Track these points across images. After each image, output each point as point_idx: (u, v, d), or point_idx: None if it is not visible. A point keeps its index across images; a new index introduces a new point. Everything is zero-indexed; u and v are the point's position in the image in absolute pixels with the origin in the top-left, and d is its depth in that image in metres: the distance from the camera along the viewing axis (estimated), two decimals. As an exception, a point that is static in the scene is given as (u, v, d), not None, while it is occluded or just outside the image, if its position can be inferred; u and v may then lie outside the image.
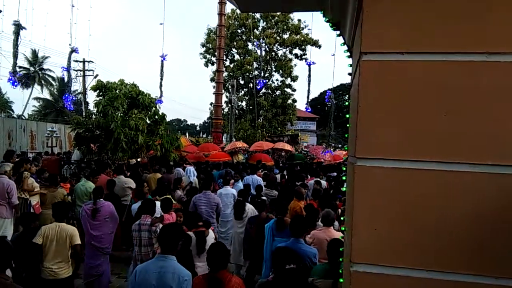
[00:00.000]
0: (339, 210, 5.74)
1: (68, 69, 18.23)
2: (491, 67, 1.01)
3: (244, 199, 6.58)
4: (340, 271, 1.60)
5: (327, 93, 28.38)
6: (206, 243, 4.65)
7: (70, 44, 17.37)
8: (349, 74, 1.48)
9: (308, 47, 30.64)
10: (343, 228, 1.58)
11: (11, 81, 15.86)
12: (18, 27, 15.27)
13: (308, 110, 26.39)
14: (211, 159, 14.49)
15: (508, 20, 1.00)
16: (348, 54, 1.62)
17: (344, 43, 1.71)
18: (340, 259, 1.69)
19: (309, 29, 30.56)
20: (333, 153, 19.37)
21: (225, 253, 3.24)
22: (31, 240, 4.19)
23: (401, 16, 1.06)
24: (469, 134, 1.02)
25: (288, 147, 19.25)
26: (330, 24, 1.71)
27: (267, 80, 29.82)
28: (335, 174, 11.14)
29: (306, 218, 4.94)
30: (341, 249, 1.61)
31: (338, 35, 1.74)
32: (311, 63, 25.78)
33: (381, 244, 1.07)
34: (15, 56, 15.56)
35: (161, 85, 21.62)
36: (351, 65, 1.52)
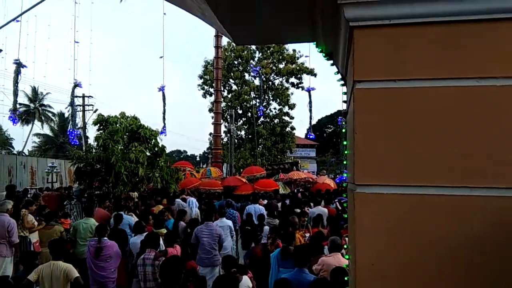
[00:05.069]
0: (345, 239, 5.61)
1: (72, 104, 18.40)
2: (482, 91, 1.04)
3: (252, 229, 6.47)
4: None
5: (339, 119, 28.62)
6: None
7: (75, 79, 17.60)
8: (344, 101, 1.51)
9: (304, 76, 31.18)
10: (347, 257, 1.56)
11: (11, 119, 15.94)
12: (18, 66, 15.48)
13: (311, 136, 26.37)
14: (258, 188, 13.50)
15: (497, 46, 1.04)
16: (342, 82, 1.66)
17: (338, 72, 1.75)
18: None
19: (306, 56, 31.04)
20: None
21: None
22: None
23: (391, 44, 1.09)
24: (464, 157, 1.03)
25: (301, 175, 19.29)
26: (324, 54, 1.76)
27: (264, 108, 30.04)
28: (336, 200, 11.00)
29: (310, 247, 4.84)
30: (346, 278, 1.58)
31: (332, 65, 1.78)
32: (311, 89, 25.92)
33: (384, 271, 1.05)
34: (15, 94, 15.69)
35: (164, 118, 21.76)
36: (345, 93, 1.55)
